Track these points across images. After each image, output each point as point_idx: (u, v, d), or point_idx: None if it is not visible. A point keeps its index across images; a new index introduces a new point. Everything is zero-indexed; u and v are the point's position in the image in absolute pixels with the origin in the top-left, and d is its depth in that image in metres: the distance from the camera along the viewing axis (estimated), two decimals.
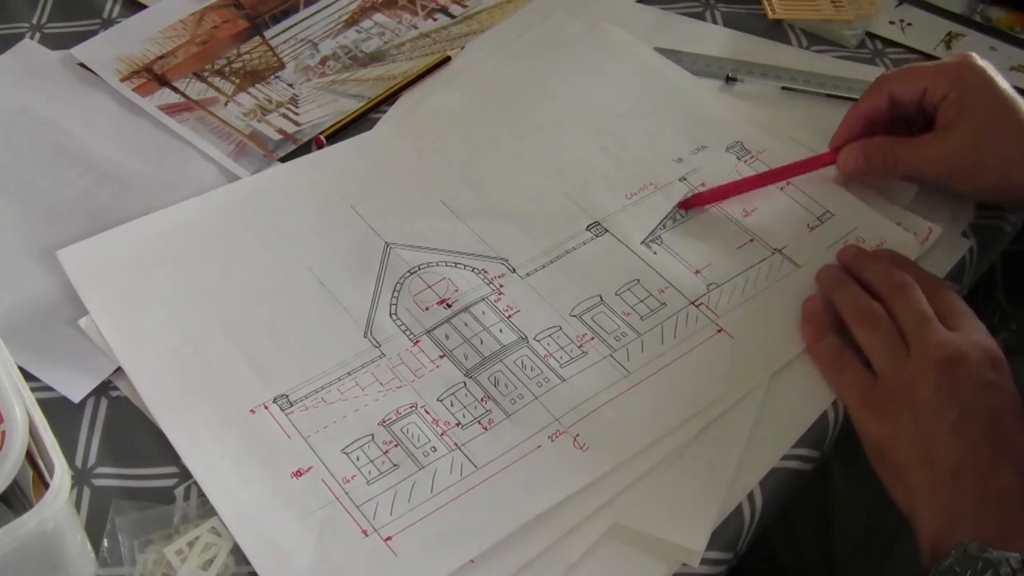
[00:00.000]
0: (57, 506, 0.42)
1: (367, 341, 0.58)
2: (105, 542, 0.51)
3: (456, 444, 0.53)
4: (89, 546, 0.49)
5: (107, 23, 0.79)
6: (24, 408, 0.43)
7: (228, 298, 0.60)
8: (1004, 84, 0.61)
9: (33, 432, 0.44)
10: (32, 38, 0.77)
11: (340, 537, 0.50)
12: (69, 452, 0.53)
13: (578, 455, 0.53)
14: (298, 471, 0.52)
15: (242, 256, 0.62)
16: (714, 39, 0.78)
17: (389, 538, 0.50)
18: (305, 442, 0.54)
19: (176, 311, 0.59)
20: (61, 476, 0.43)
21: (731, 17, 0.80)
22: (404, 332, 0.58)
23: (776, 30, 0.79)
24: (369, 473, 0.52)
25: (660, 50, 0.76)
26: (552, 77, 0.74)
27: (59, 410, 0.55)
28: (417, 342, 0.58)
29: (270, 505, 0.51)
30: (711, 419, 0.55)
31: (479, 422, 0.54)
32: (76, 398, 0.56)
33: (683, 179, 0.67)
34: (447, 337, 0.58)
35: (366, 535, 0.50)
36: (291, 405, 0.55)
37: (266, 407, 0.55)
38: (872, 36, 0.79)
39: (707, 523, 0.52)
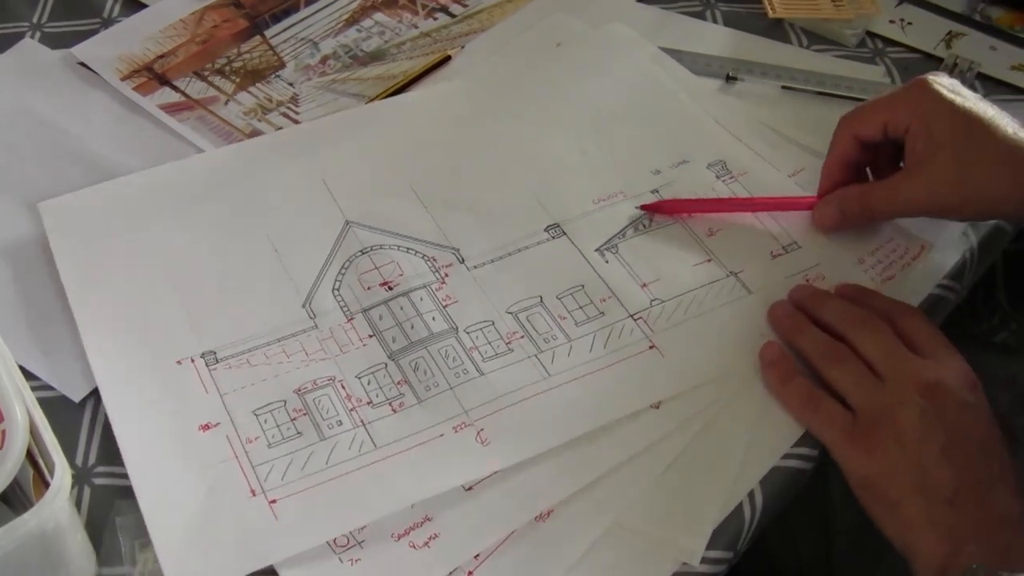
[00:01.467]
0: (57, 505, 0.42)
1: (304, 312, 0.59)
2: (105, 541, 0.51)
3: (362, 421, 0.54)
4: (90, 545, 0.49)
5: (107, 22, 0.79)
6: (24, 407, 0.43)
7: (185, 254, 0.61)
8: (967, 103, 0.57)
9: (33, 431, 0.44)
10: (32, 37, 0.77)
11: (228, 494, 0.51)
12: (69, 451, 0.53)
13: (477, 449, 0.53)
14: (206, 425, 0.54)
15: (209, 216, 0.64)
16: (714, 38, 0.78)
17: (274, 501, 0.51)
18: (220, 399, 0.55)
19: (133, 262, 0.61)
20: (61, 475, 0.43)
21: (731, 16, 0.80)
22: (342, 308, 0.59)
23: (776, 29, 0.79)
24: (272, 437, 0.54)
25: (662, 49, 0.76)
26: (550, 75, 0.74)
27: (60, 409, 0.55)
28: (351, 319, 0.59)
29: (170, 452, 0.53)
30: (700, 425, 0.55)
31: (390, 403, 0.55)
32: (77, 397, 0.56)
33: (655, 191, 0.66)
34: (381, 318, 0.59)
35: (254, 495, 0.51)
36: (217, 362, 0.56)
37: (192, 360, 0.56)
38: (872, 35, 0.79)
39: (708, 522, 0.52)
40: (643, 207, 0.64)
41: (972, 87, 0.75)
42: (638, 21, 0.79)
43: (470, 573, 0.50)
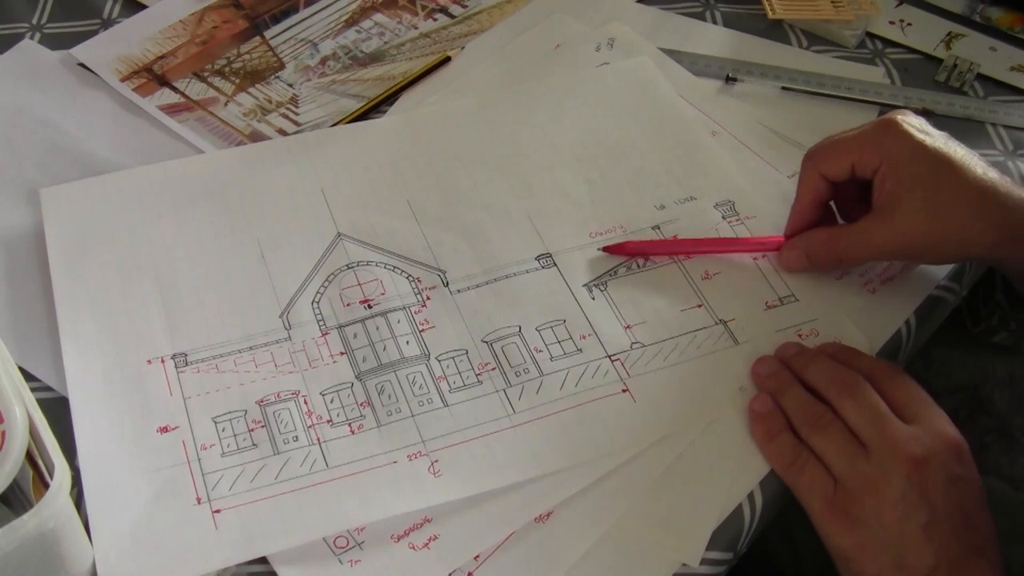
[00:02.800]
0: (57, 506, 0.42)
1: (280, 322, 0.59)
2: None
3: (318, 439, 0.54)
4: (89, 546, 0.49)
5: (107, 23, 0.79)
6: (24, 408, 0.43)
7: (172, 252, 0.62)
8: (936, 144, 0.56)
9: (33, 432, 0.44)
10: (32, 38, 0.77)
11: (175, 499, 0.51)
12: (69, 452, 0.53)
13: (428, 480, 0.52)
14: (164, 427, 0.54)
15: (202, 217, 0.64)
16: (714, 39, 0.78)
17: (218, 511, 0.51)
18: (183, 402, 0.55)
19: (122, 256, 0.61)
20: (61, 476, 0.43)
21: (731, 17, 0.80)
22: (318, 322, 0.59)
23: (776, 30, 0.79)
24: (227, 446, 0.54)
25: (661, 50, 0.76)
26: (563, 98, 0.72)
27: (59, 410, 0.55)
28: (326, 334, 0.58)
29: (125, 452, 0.53)
30: (700, 427, 0.55)
31: (349, 424, 0.55)
32: None
33: (656, 227, 0.64)
34: (355, 336, 0.58)
35: (199, 503, 0.51)
36: (186, 364, 0.57)
37: (163, 361, 0.57)
38: (872, 36, 0.79)
39: (707, 523, 0.52)
40: (604, 249, 0.62)
41: (972, 88, 0.75)
42: (637, 22, 0.79)
43: (470, 574, 0.50)
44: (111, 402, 0.55)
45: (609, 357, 0.58)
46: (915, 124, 0.57)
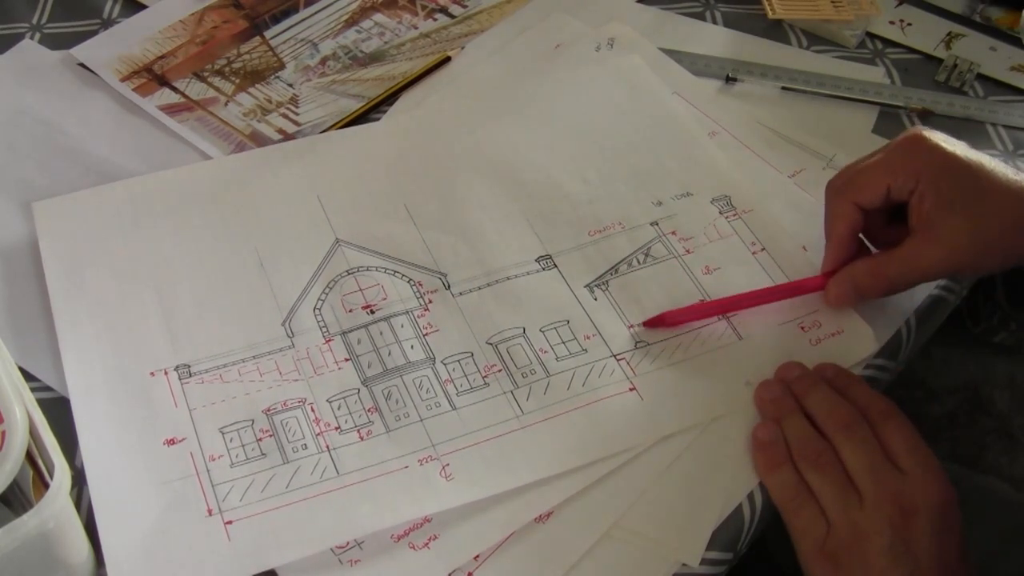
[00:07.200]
0: (57, 506, 0.42)
1: (283, 330, 0.59)
2: None
3: (328, 447, 0.54)
4: (89, 546, 0.49)
5: (107, 23, 0.79)
6: (24, 408, 0.43)
7: (171, 263, 0.61)
8: (968, 154, 0.55)
9: (33, 432, 0.44)
10: (32, 38, 0.77)
11: (185, 511, 0.51)
12: (69, 452, 0.53)
13: (440, 483, 0.52)
14: (171, 439, 0.54)
15: (198, 227, 0.63)
16: (714, 39, 0.78)
17: (230, 522, 0.51)
18: (188, 413, 0.55)
19: (120, 269, 0.61)
20: (61, 476, 0.43)
21: (731, 17, 0.80)
22: (321, 328, 0.59)
23: (776, 30, 0.80)
24: (236, 456, 0.53)
25: (661, 50, 0.76)
26: (558, 98, 0.72)
27: (59, 410, 0.55)
28: (329, 341, 0.58)
29: (133, 465, 0.52)
30: (700, 428, 0.55)
31: (358, 430, 0.55)
32: None
33: (655, 223, 0.65)
34: (359, 342, 0.58)
35: (210, 514, 0.51)
36: (190, 376, 0.56)
37: (166, 373, 0.56)
38: (872, 36, 0.79)
39: (707, 523, 0.52)
40: (645, 324, 0.59)
41: (972, 88, 0.75)
42: (638, 22, 0.79)
43: (470, 574, 0.50)
44: (116, 416, 0.54)
45: (615, 356, 0.58)
46: (941, 137, 0.56)
